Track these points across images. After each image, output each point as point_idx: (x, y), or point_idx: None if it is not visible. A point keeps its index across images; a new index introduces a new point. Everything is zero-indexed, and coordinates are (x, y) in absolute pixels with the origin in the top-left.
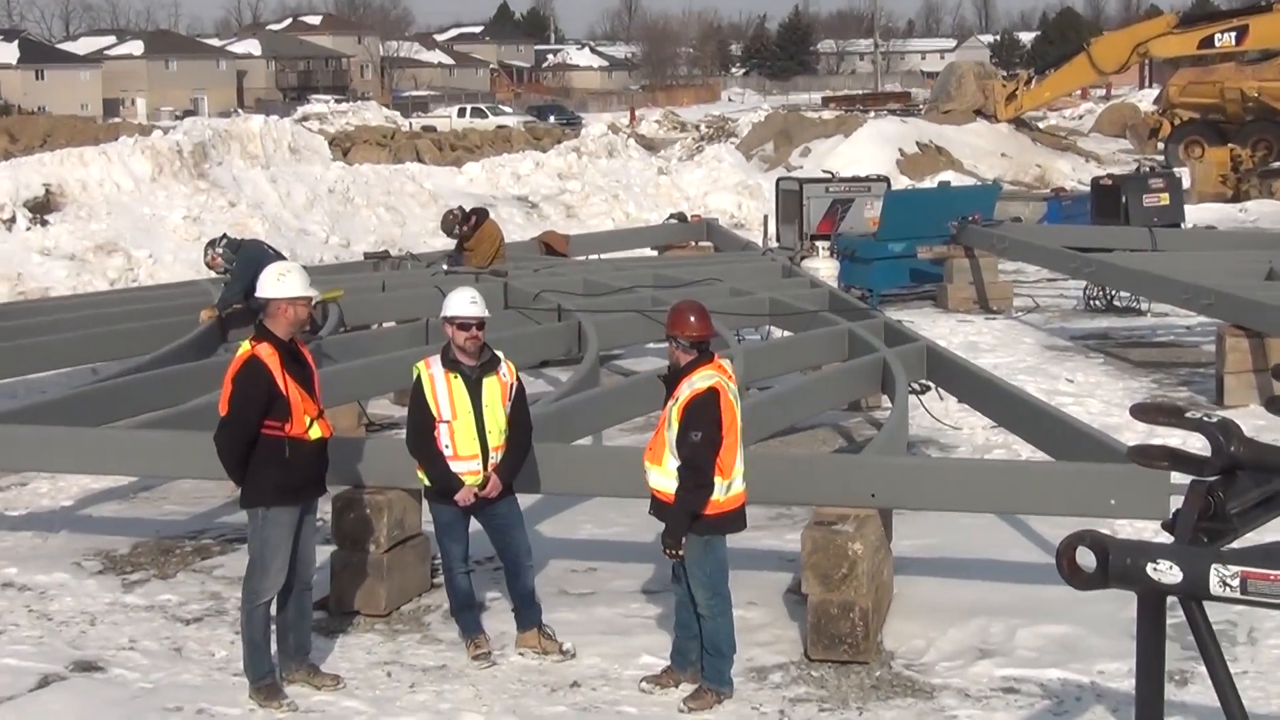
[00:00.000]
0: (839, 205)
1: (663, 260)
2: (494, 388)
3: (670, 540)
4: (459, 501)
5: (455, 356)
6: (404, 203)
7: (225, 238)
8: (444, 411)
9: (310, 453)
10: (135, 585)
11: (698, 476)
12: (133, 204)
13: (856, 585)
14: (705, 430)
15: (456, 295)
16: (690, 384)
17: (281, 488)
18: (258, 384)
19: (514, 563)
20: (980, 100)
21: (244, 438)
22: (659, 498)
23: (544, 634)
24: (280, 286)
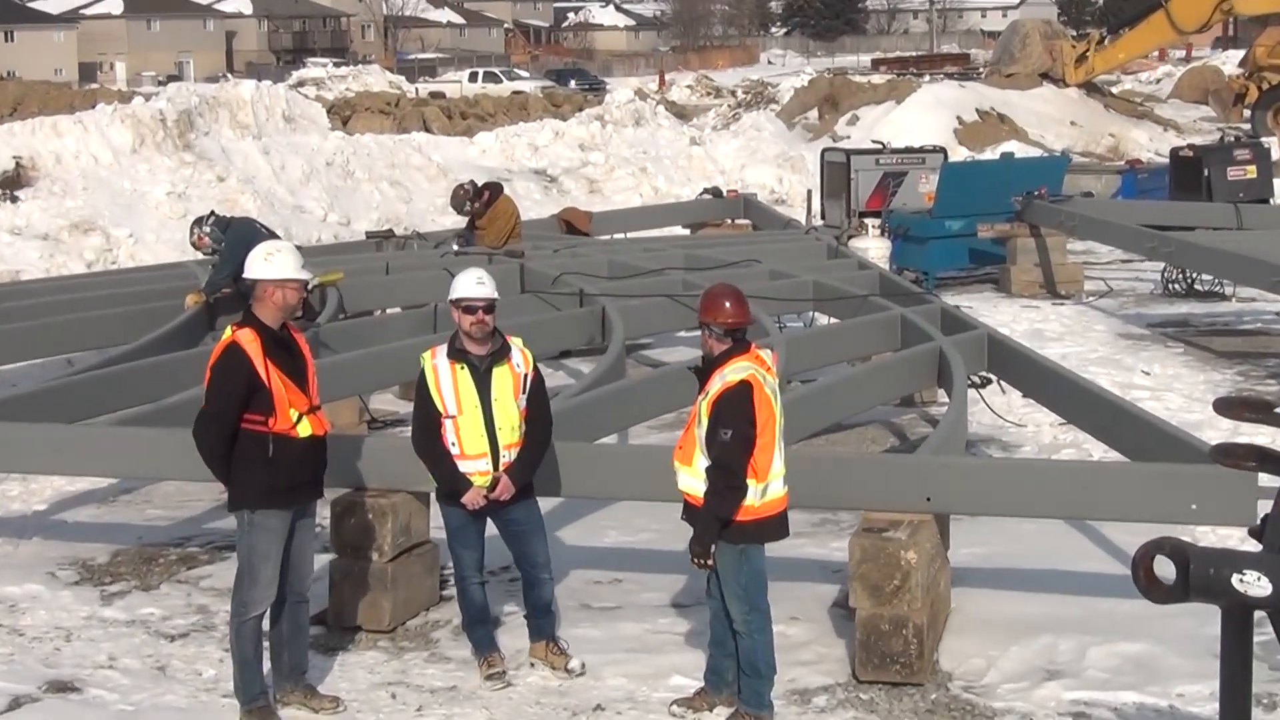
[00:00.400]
0: (890, 179)
1: (695, 240)
2: (505, 379)
3: (698, 548)
4: (466, 504)
5: (462, 345)
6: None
7: (213, 215)
8: (449, 406)
9: (299, 451)
10: (115, 597)
11: (727, 478)
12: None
13: (910, 598)
14: (736, 427)
15: (462, 276)
16: (722, 376)
17: (267, 489)
18: (235, 373)
19: (531, 574)
20: (1047, 62)
21: (222, 433)
22: (689, 501)
23: (554, 648)
24: (267, 267)
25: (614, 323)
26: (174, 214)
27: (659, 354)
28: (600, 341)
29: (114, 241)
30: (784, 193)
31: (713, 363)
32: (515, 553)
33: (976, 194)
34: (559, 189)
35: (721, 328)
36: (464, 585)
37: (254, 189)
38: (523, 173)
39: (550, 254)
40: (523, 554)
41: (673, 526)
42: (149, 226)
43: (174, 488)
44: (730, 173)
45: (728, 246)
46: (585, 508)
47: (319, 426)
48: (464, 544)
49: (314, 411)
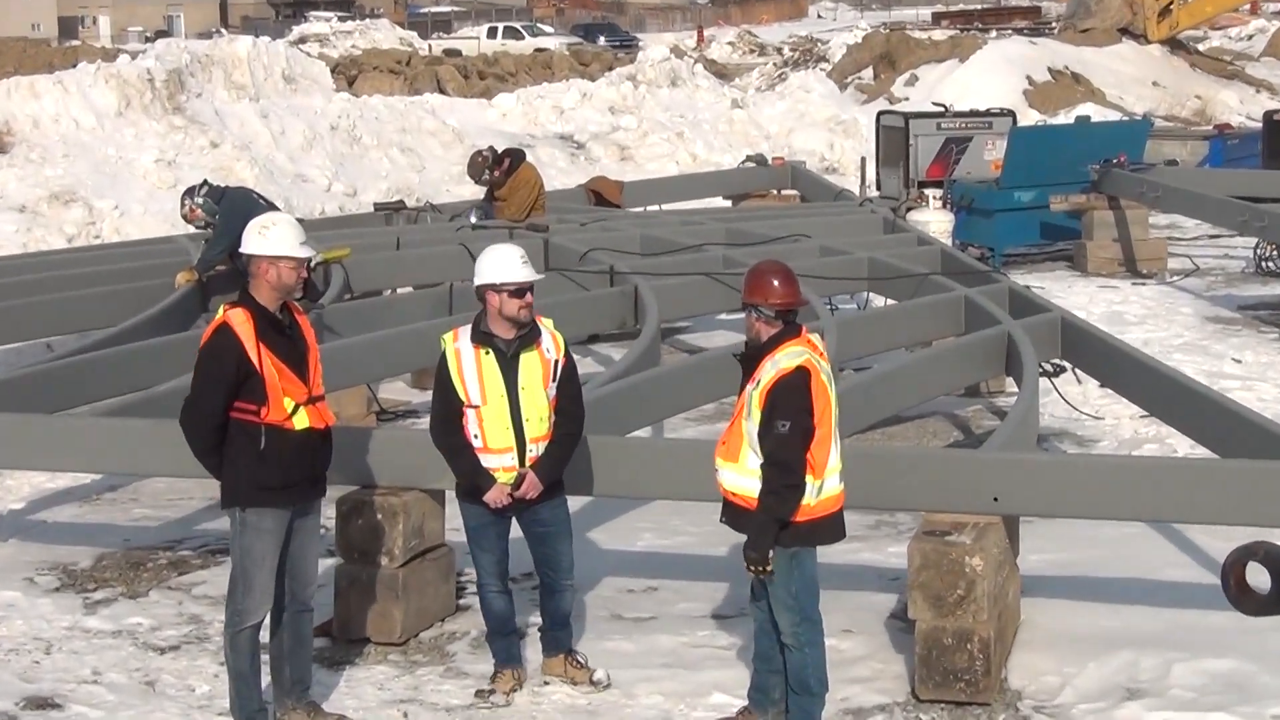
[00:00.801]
0: (953, 145)
1: (738, 212)
2: (534, 366)
3: (755, 554)
4: (489, 502)
5: (489, 328)
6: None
7: (206, 185)
8: (472, 395)
9: (294, 446)
10: (99, 606)
11: (787, 475)
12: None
13: (975, 609)
14: (794, 419)
15: (501, 255)
16: (775, 363)
17: (258, 486)
18: (224, 356)
19: (551, 580)
20: (1127, 16)
21: (209, 422)
22: (735, 503)
23: (572, 661)
24: (262, 242)
25: (648, 304)
26: (163, 184)
27: (697, 338)
28: (632, 325)
29: (97, 214)
30: (835, 160)
31: (761, 348)
32: (537, 556)
33: (1048, 162)
34: (587, 156)
35: (771, 309)
36: (485, 593)
37: (251, 156)
38: (547, 138)
39: (577, 228)
40: (546, 558)
41: (712, 529)
42: (136, 197)
43: (164, 485)
44: (776, 138)
45: (773, 220)
46: (617, 508)
47: (319, 419)
48: (483, 546)
49: (314, 402)
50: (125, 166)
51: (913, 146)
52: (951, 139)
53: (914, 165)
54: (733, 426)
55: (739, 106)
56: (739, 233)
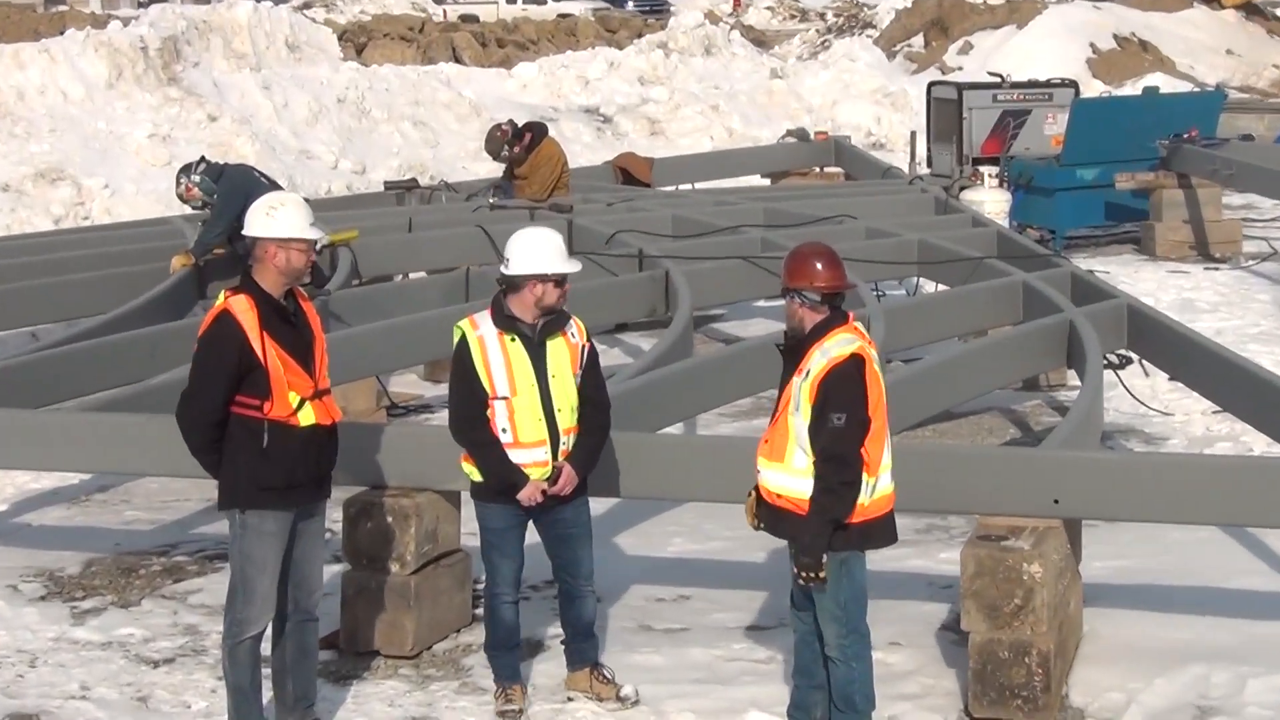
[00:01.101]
0: (1010, 119)
1: (777, 191)
2: (562, 352)
3: (810, 560)
4: (523, 501)
5: (512, 312)
6: (436, 116)
7: (203, 162)
8: (500, 385)
9: (299, 443)
10: (88, 615)
11: (844, 472)
12: (83, 118)
13: (1034, 620)
14: (850, 411)
15: (548, 242)
16: (824, 352)
17: (261, 486)
18: (225, 347)
19: (574, 585)
20: None
21: (208, 418)
22: (781, 506)
23: (598, 675)
24: (269, 223)
25: (680, 290)
26: (157, 160)
27: (733, 327)
28: (663, 312)
29: (86, 193)
30: (883, 135)
31: (808, 337)
32: (558, 561)
33: (1114, 137)
34: (614, 131)
35: (817, 294)
36: (496, 602)
37: (252, 131)
38: (571, 111)
39: (604, 208)
40: (567, 562)
41: (749, 534)
42: (128, 175)
43: (158, 485)
44: (819, 111)
45: (816, 199)
46: (645, 511)
47: (325, 414)
48: (505, 552)
49: (320, 396)
50: (116, 142)
51: (966, 120)
52: (1008, 112)
53: (968, 140)
54: (776, 423)
55: (778, 77)
56: (778, 213)
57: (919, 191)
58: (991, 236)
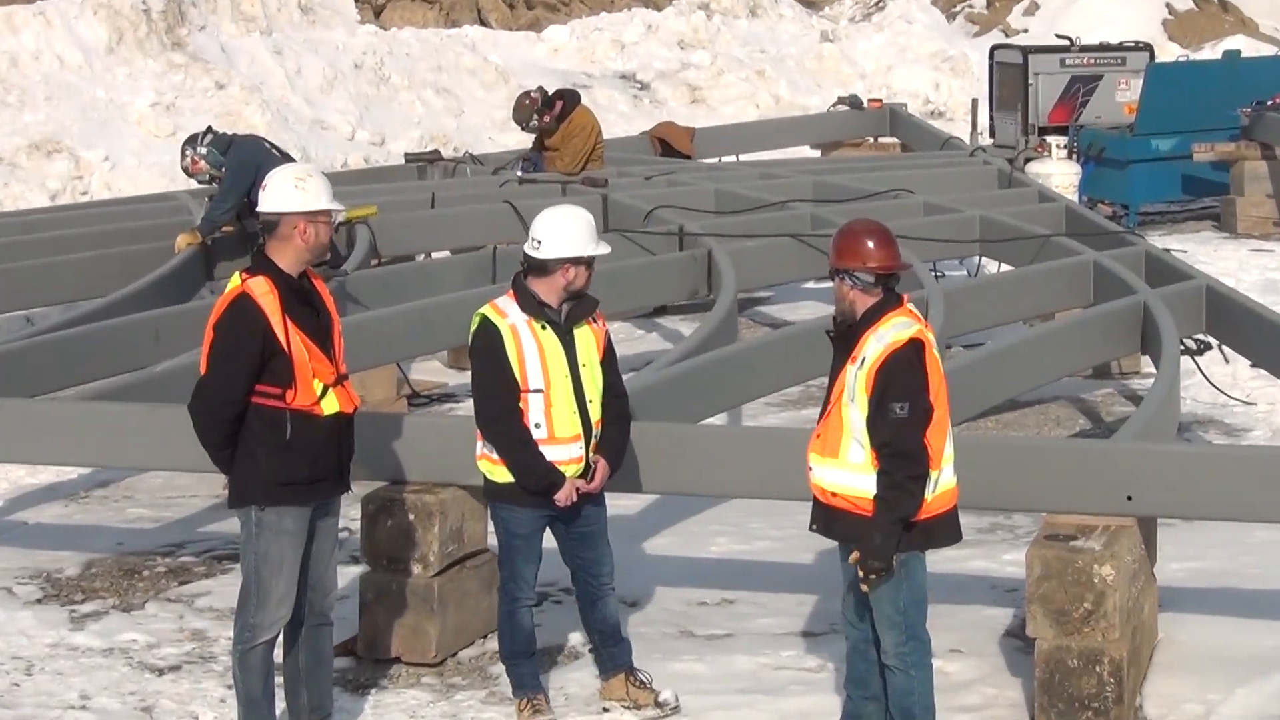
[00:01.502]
0: (1080, 85)
1: (828, 164)
2: (589, 339)
3: (878, 563)
4: (560, 502)
5: (539, 296)
6: (460, 83)
7: (210, 133)
8: (533, 377)
9: (324, 433)
10: (88, 620)
11: (911, 466)
12: (82, 85)
13: (1105, 626)
14: (913, 399)
15: (582, 222)
16: (880, 337)
17: (283, 481)
18: (248, 333)
19: (596, 586)
20: None
21: (229, 410)
22: (836, 505)
23: (634, 680)
24: (300, 196)
25: (723, 270)
26: (161, 131)
27: (780, 310)
28: (705, 294)
29: (84, 166)
30: (941, 103)
31: (861, 321)
32: (578, 561)
33: (1192, 104)
34: (652, 98)
35: (869, 275)
36: (515, 609)
37: (262, 99)
38: (605, 78)
39: (641, 182)
40: (588, 562)
41: (797, 533)
42: (129, 147)
43: (162, 480)
44: (873, 77)
45: (869, 172)
46: (685, 508)
47: (348, 401)
48: (529, 557)
49: (341, 382)
50: (117, 111)
51: (1032, 86)
52: (1078, 78)
53: (1034, 108)
54: (828, 416)
55: (829, 40)
56: (829, 187)
57: (981, 164)
58: (1059, 212)
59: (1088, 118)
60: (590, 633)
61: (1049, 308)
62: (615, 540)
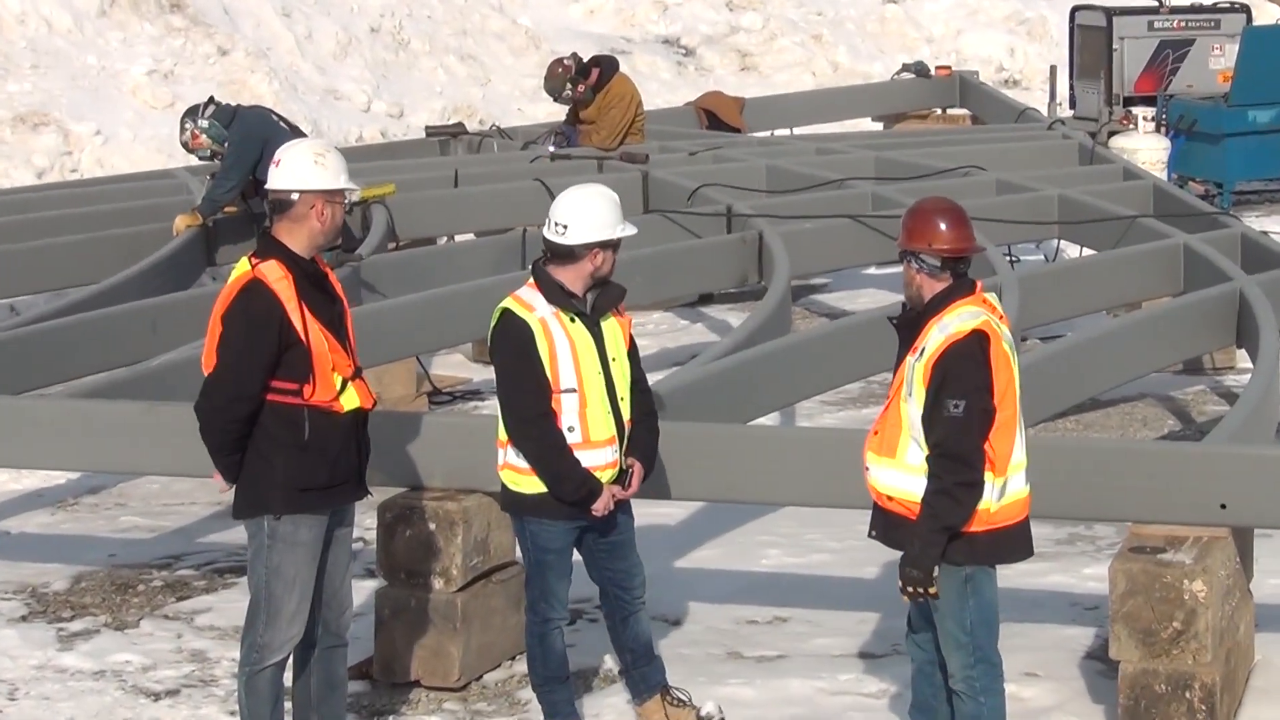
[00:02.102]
0: (1169, 50)
1: (891, 137)
2: (616, 332)
3: (918, 573)
4: (598, 512)
5: (566, 286)
6: (487, 48)
7: (212, 104)
8: (566, 376)
9: (342, 431)
10: (77, 639)
11: (961, 471)
12: (71, 52)
13: (1196, 647)
14: (971, 398)
15: (607, 203)
16: (943, 327)
17: (301, 486)
18: (264, 323)
19: (629, 600)
20: None
21: (244, 408)
22: (892, 510)
23: (670, 699)
24: (319, 173)
25: (775, 255)
26: (158, 102)
27: (838, 299)
28: (756, 281)
29: (74, 141)
30: (1016, 70)
31: (927, 309)
32: (609, 574)
33: None
34: (697, 65)
35: (936, 257)
36: (547, 630)
37: (269, 66)
38: (646, 43)
39: (685, 158)
40: (618, 575)
41: (858, 544)
42: (123, 120)
43: (159, 486)
44: (941, 41)
45: (936, 147)
46: (733, 517)
47: (367, 396)
48: (562, 573)
49: (358, 376)
50: (110, 80)
51: (1117, 52)
52: (1167, 42)
53: (1118, 76)
54: (888, 411)
55: (893, 1)
56: (892, 164)
57: (1060, 138)
58: (1146, 191)
59: (1178, 87)
60: (621, 652)
61: (1135, 296)
62: (655, 552)
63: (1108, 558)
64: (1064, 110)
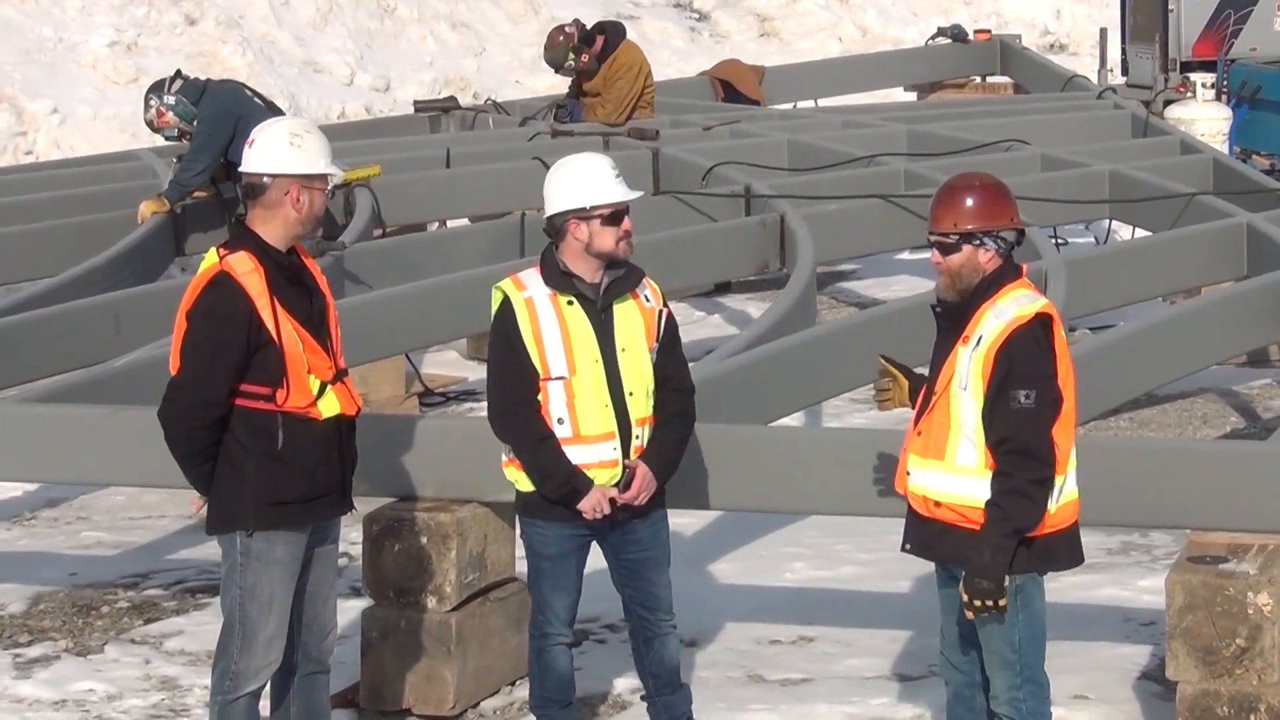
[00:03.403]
0: (1231, 10)
1: (925, 109)
2: (633, 319)
3: (989, 584)
4: (585, 513)
5: (568, 268)
6: (481, 14)
7: (180, 78)
8: (554, 362)
9: (322, 440)
10: (35, 666)
11: (1035, 467)
12: (24, 23)
13: (1261, 666)
14: (1040, 386)
15: (584, 168)
16: (999, 312)
17: (274, 500)
18: (230, 319)
19: (651, 624)
20: None
21: (210, 413)
22: (939, 518)
23: None
24: (296, 156)
25: (799, 239)
26: (120, 77)
27: (868, 287)
28: (778, 268)
29: (29, 120)
30: (1063, 34)
31: (974, 294)
32: (631, 593)
33: None
34: (712, 31)
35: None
36: (547, 645)
37: (242, 36)
38: (655, 6)
39: (699, 133)
40: (643, 594)
41: (890, 555)
42: (82, 97)
43: (123, 498)
44: (979, 3)
45: (975, 119)
46: (755, 527)
47: (349, 402)
48: (559, 583)
49: (340, 379)
50: (67, 53)
51: (1173, 12)
52: (1228, 1)
53: (1175, 40)
54: (933, 410)
55: None
56: (926, 138)
57: (1110, 108)
58: (1206, 166)
59: (1240, 50)
60: (644, 677)
61: (1194, 282)
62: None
63: (1164, 569)
64: (1115, 77)
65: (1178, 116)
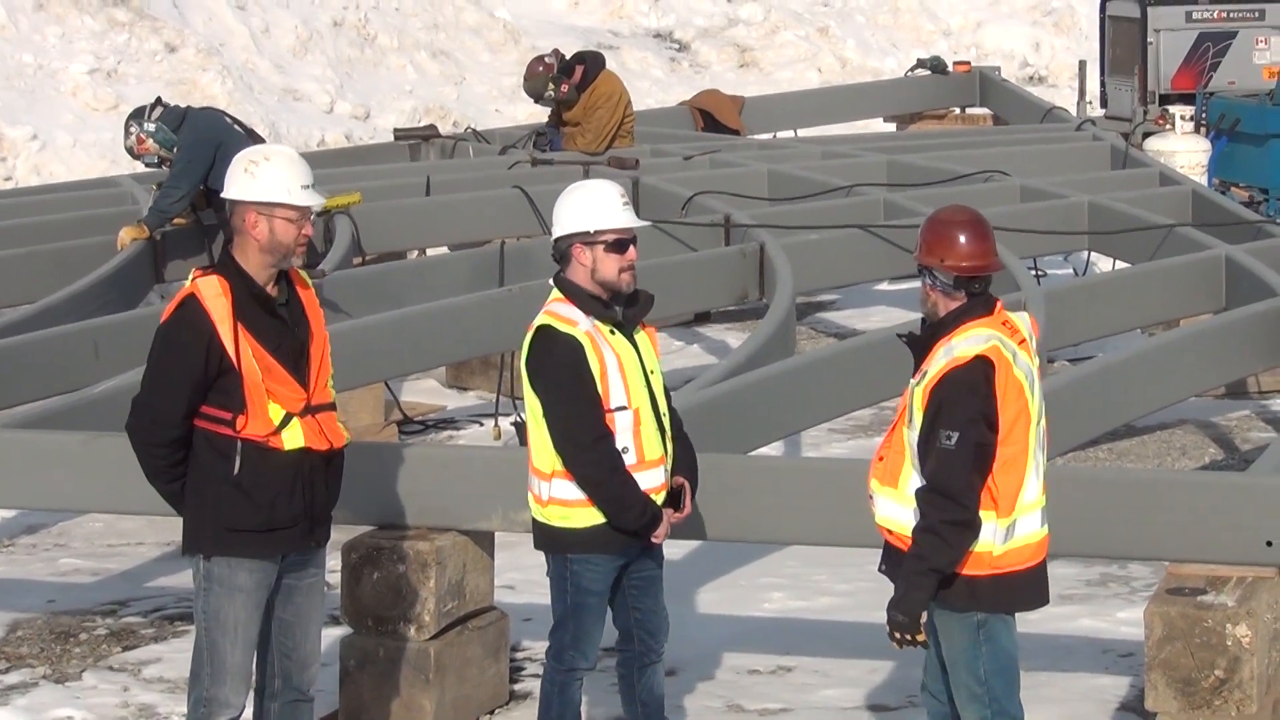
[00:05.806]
0: (1210, 43)
1: (905, 139)
2: (648, 345)
3: (901, 616)
4: (658, 540)
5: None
6: (461, 43)
7: (160, 106)
8: (616, 393)
9: (284, 473)
10: (13, 693)
11: (948, 509)
12: (5, 49)
13: (1241, 698)
14: (965, 430)
15: (596, 194)
16: (947, 350)
17: (230, 525)
18: (188, 340)
19: (653, 645)
20: None
21: (165, 434)
22: (893, 544)
23: None
24: (251, 183)
25: (778, 269)
26: (100, 104)
27: (847, 317)
28: (757, 298)
29: (8, 147)
30: (1042, 66)
31: (936, 328)
32: (635, 615)
33: None
34: (692, 61)
35: (950, 275)
36: (569, 680)
37: (222, 64)
38: (635, 36)
39: (679, 163)
40: (646, 617)
41: (868, 585)
42: (62, 123)
43: (102, 524)
44: (959, 34)
45: (955, 150)
46: (733, 557)
47: (320, 436)
48: (598, 617)
49: (315, 412)
50: (48, 80)
51: (1152, 46)
52: (1207, 35)
53: (1154, 72)
54: (892, 436)
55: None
56: (906, 168)
57: (1089, 139)
58: (1185, 198)
59: (1219, 83)
60: (630, 705)
61: (1173, 313)
62: None
63: (1143, 600)
64: (1094, 109)
65: (1157, 148)
